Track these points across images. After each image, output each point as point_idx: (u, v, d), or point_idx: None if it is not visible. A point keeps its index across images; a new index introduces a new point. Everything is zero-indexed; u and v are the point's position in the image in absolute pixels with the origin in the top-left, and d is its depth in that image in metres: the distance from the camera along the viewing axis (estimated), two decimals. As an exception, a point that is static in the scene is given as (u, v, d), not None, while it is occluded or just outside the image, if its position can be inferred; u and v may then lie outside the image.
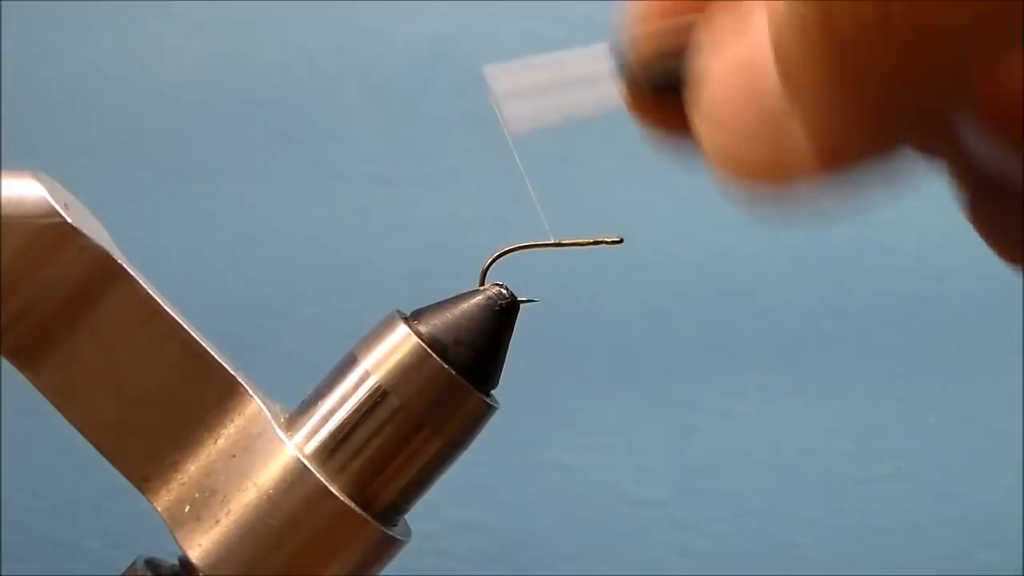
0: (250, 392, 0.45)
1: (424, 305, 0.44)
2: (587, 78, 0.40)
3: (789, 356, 1.07)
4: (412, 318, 0.44)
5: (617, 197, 1.07)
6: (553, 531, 1.06)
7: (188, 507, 0.44)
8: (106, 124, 1.10)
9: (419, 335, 0.43)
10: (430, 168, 1.09)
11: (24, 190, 0.44)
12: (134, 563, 0.45)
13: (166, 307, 0.45)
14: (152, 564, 0.45)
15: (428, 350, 0.43)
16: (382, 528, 0.43)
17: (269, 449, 0.43)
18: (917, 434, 1.07)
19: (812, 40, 0.32)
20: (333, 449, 0.43)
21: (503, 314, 0.44)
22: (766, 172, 0.35)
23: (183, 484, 0.44)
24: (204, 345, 0.45)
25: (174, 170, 1.10)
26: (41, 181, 0.44)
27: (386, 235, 1.08)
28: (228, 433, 0.44)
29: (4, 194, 0.43)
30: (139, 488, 0.44)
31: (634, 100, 0.40)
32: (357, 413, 0.43)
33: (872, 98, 0.32)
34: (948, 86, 0.32)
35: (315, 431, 0.44)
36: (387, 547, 0.44)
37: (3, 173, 0.44)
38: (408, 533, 0.46)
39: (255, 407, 0.44)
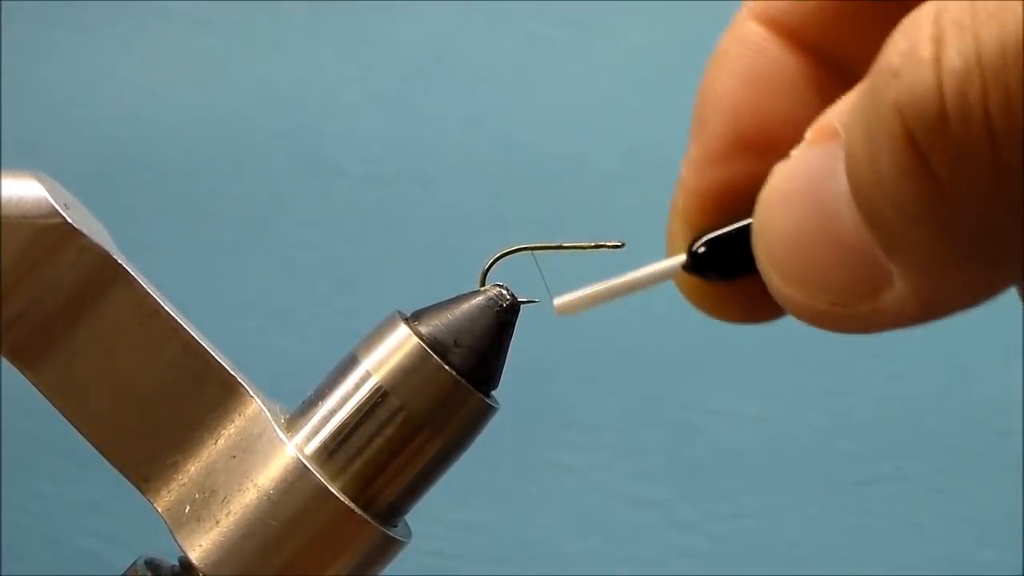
0: (250, 392, 0.44)
1: (424, 305, 0.44)
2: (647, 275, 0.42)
3: (789, 356, 1.07)
4: (412, 318, 0.44)
5: (617, 197, 1.07)
6: (553, 531, 1.06)
7: (188, 507, 0.44)
8: (106, 124, 1.10)
9: (419, 336, 0.43)
10: (430, 168, 1.09)
11: (24, 190, 0.44)
12: (134, 563, 0.45)
13: (166, 307, 0.45)
14: (152, 564, 0.45)
15: (428, 351, 0.43)
16: (382, 529, 0.43)
17: (269, 449, 0.43)
18: (917, 434, 1.07)
19: (921, 190, 0.31)
20: (333, 450, 0.43)
21: (504, 315, 0.44)
22: (854, 324, 0.36)
23: (183, 485, 0.44)
24: (204, 345, 0.45)
25: (174, 170, 1.10)
26: (41, 181, 0.44)
27: (386, 235, 1.08)
28: (228, 433, 0.44)
29: (4, 194, 0.43)
30: (139, 488, 0.44)
31: (696, 285, 0.41)
32: (357, 414, 0.43)
33: (989, 252, 0.32)
34: None
35: (315, 432, 0.44)
36: (387, 548, 0.44)
37: (3, 173, 0.44)
38: (408, 534, 0.46)
39: (255, 407, 0.44)
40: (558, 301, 0.42)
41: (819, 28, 0.41)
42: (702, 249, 0.40)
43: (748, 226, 0.38)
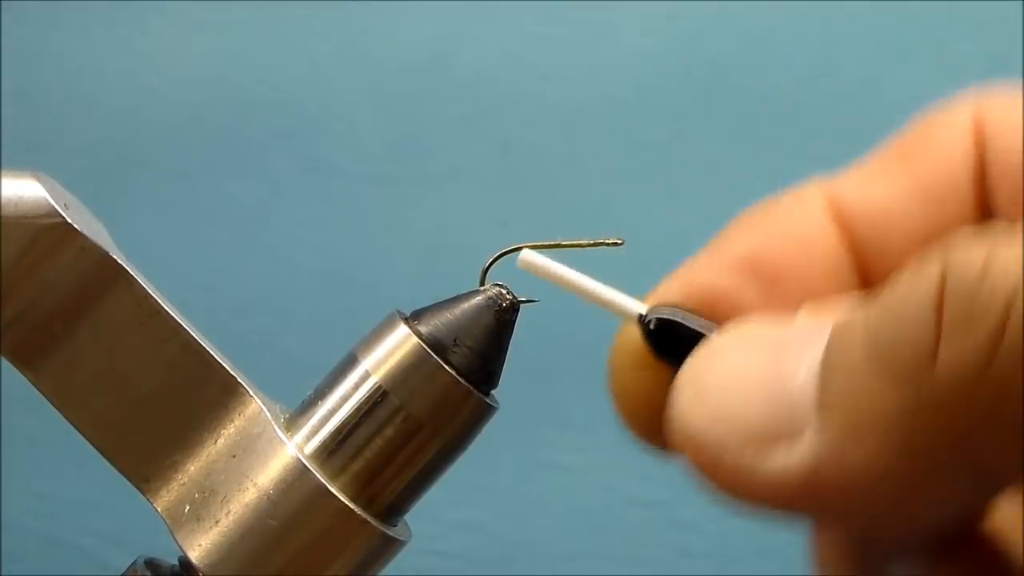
0: (250, 392, 0.45)
1: (424, 305, 0.44)
2: (608, 301, 0.44)
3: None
4: (412, 318, 0.44)
5: (617, 197, 1.07)
6: (553, 531, 1.06)
7: (188, 507, 0.44)
8: (106, 124, 1.10)
9: (419, 335, 0.43)
10: (430, 168, 1.09)
11: (24, 190, 0.44)
12: (134, 563, 0.45)
13: (166, 307, 0.45)
14: (152, 564, 0.45)
15: (428, 350, 0.43)
16: (382, 528, 0.43)
17: (269, 449, 0.43)
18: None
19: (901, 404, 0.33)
20: (333, 449, 0.43)
21: (503, 314, 0.44)
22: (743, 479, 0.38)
23: (183, 484, 0.44)
24: (204, 345, 0.45)
25: (174, 170, 1.10)
26: (41, 181, 0.44)
27: (386, 235, 1.08)
28: (228, 433, 0.44)
29: (4, 194, 0.43)
30: (139, 488, 0.44)
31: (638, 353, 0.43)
32: (357, 413, 0.43)
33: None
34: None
35: (315, 431, 0.44)
36: (387, 547, 0.44)
37: (3, 173, 0.44)
38: (408, 533, 0.46)
39: (255, 407, 0.44)
40: (525, 255, 0.43)
41: (872, 233, 0.43)
42: (653, 323, 0.43)
43: (703, 336, 0.40)
